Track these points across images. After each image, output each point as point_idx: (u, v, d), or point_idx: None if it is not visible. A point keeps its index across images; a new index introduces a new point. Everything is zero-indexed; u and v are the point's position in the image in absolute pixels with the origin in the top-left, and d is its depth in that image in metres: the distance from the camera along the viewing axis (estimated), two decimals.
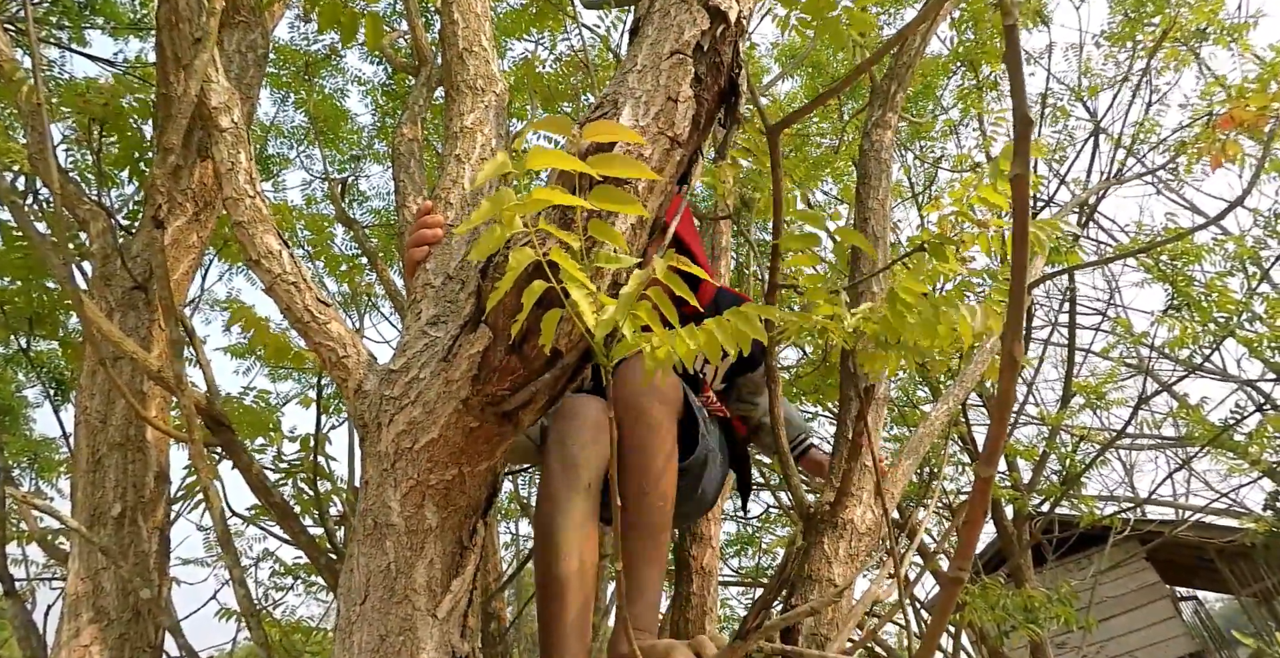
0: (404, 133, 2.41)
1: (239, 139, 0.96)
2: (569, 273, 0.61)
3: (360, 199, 5.59)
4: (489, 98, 1.09)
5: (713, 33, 0.81)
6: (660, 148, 0.75)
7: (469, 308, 0.75)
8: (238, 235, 0.91)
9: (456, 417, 0.74)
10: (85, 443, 1.55)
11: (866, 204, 1.74)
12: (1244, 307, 4.09)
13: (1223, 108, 3.51)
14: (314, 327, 0.88)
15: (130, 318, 1.73)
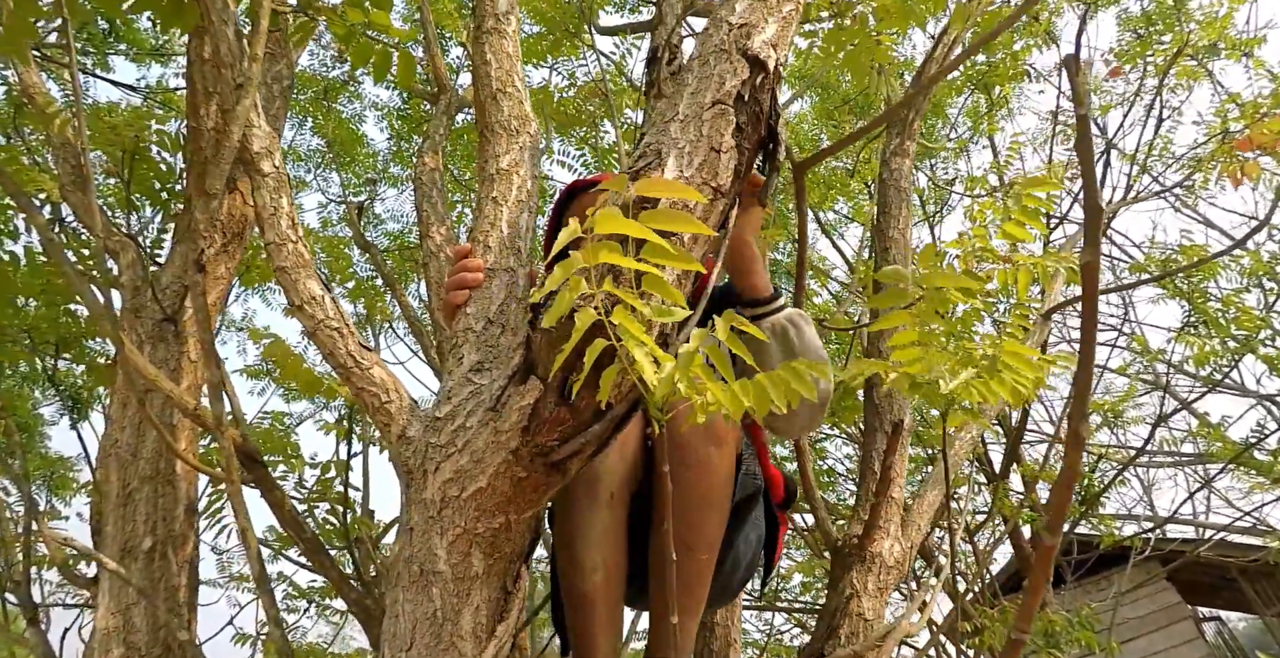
0: (425, 162, 2.44)
1: (281, 183, 0.98)
2: (630, 333, 0.62)
3: (375, 222, 5.64)
4: (523, 139, 1.11)
5: (752, 82, 0.82)
6: (704, 198, 0.76)
7: (517, 358, 0.76)
8: (280, 281, 0.93)
9: (505, 467, 0.75)
10: (116, 476, 1.56)
11: (888, 233, 1.75)
12: (1264, 323, 4.06)
13: (1237, 124, 3.51)
14: (357, 372, 0.88)
15: (160, 350, 1.75)
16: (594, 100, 3.12)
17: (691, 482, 0.92)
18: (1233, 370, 4.69)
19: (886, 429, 1.56)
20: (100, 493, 3.38)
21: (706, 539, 0.95)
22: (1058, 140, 4.53)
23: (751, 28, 0.86)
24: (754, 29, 0.86)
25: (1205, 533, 5.61)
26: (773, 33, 0.87)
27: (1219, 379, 4.52)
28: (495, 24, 1.25)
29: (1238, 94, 3.52)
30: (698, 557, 0.95)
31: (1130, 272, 4.53)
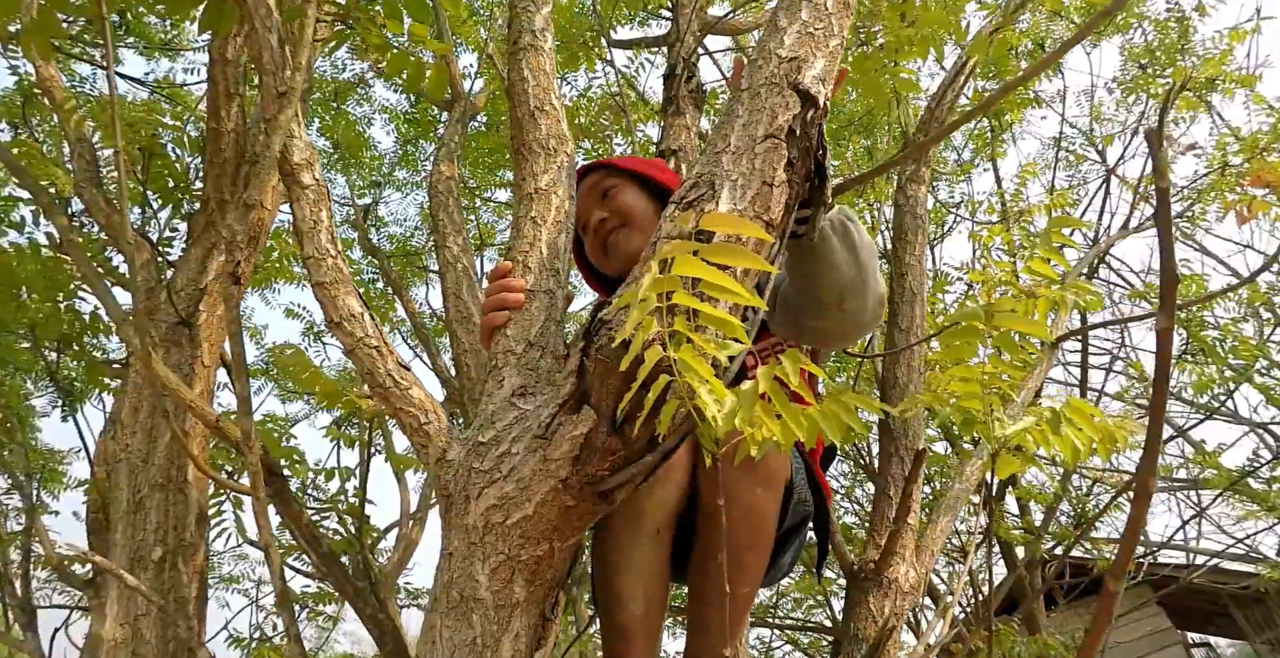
0: (441, 171, 2.44)
1: (321, 196, 0.98)
2: (694, 370, 0.62)
3: (379, 224, 5.64)
4: (561, 158, 1.11)
5: (803, 116, 0.83)
6: (767, 236, 0.76)
7: (568, 387, 0.76)
8: (318, 296, 0.92)
9: (554, 495, 0.75)
10: (126, 482, 1.55)
11: (904, 260, 1.76)
12: (1260, 353, 4.09)
13: (1237, 158, 3.56)
14: (396, 393, 0.88)
15: (174, 354, 1.74)
16: (607, 114, 3.13)
17: (737, 523, 0.92)
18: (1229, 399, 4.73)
19: (902, 455, 1.57)
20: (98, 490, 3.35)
21: (750, 576, 0.95)
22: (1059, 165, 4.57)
23: (802, 62, 0.87)
24: (804, 63, 0.87)
25: (1197, 559, 5.63)
26: (821, 68, 0.88)
27: (1215, 407, 4.55)
28: (532, 40, 1.25)
29: (1238, 128, 3.57)
30: (739, 592, 0.95)
31: (1129, 298, 4.56)
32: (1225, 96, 3.72)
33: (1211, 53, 3.37)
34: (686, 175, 0.85)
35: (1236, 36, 3.20)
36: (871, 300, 0.99)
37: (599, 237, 1.22)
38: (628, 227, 1.21)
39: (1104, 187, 4.34)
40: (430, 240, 5.45)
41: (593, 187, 1.26)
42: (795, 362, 0.66)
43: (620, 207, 1.22)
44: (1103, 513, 4.48)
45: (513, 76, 1.23)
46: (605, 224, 1.21)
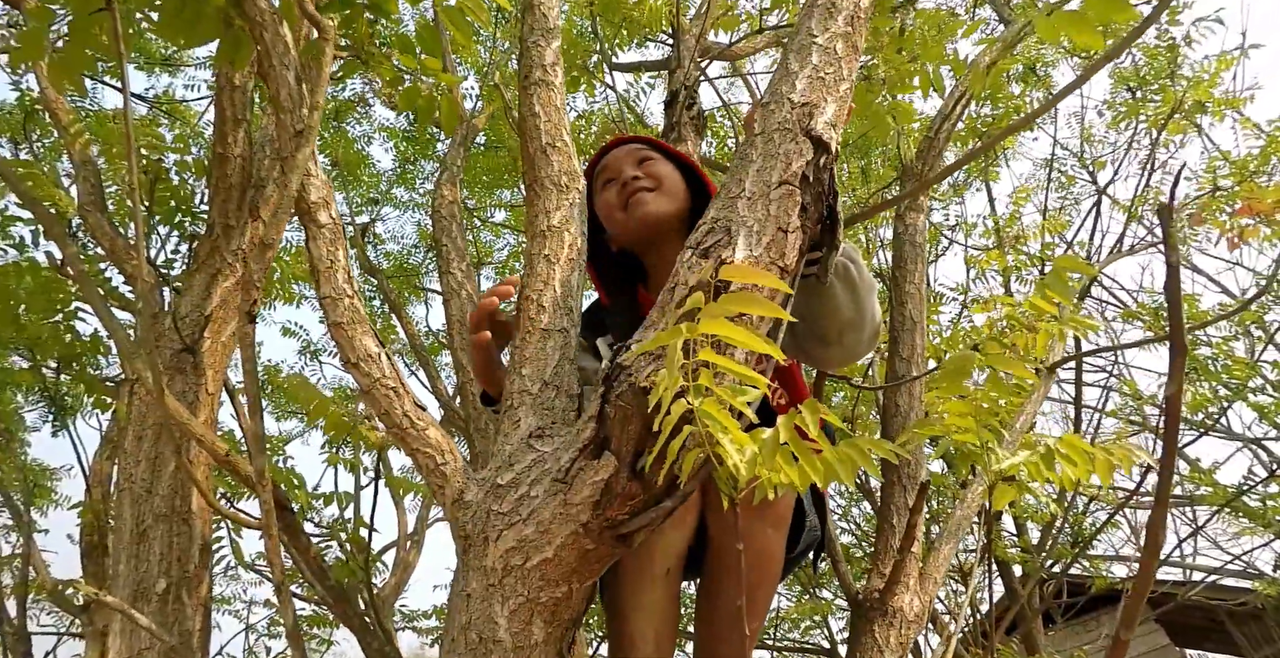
0: (444, 195, 2.45)
1: (337, 235, 0.99)
2: (716, 420, 0.63)
3: (376, 242, 5.65)
4: (573, 195, 1.12)
5: (815, 163, 0.85)
6: (784, 286, 0.78)
7: (589, 432, 0.77)
8: (334, 336, 0.93)
9: (574, 539, 0.75)
10: (129, 512, 1.54)
11: (904, 288, 1.78)
12: (1254, 372, 4.13)
13: (1228, 181, 3.62)
14: (412, 433, 0.89)
15: (178, 382, 1.74)
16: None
17: (750, 564, 0.94)
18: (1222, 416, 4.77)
19: (905, 483, 1.58)
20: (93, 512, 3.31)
21: (760, 611, 0.97)
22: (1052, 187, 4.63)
23: (814, 107, 0.89)
24: (816, 109, 0.89)
25: (1193, 575, 5.64)
26: (832, 113, 0.90)
27: (1211, 424, 4.58)
28: (543, 75, 1.27)
29: (1228, 151, 3.63)
30: (751, 626, 0.97)
31: (1122, 319, 4.61)
32: (1215, 119, 3.79)
33: (1201, 77, 3.44)
34: (701, 219, 0.86)
35: (1224, 63, 3.27)
36: (868, 334, 1.04)
37: (626, 191, 1.22)
38: (657, 191, 1.22)
39: (1096, 207, 4.39)
40: (428, 258, 5.46)
41: (631, 152, 1.28)
42: (814, 412, 0.68)
43: (656, 173, 1.24)
44: (1100, 531, 4.49)
45: (523, 112, 1.24)
46: (637, 182, 1.22)
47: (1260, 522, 4.50)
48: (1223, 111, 3.72)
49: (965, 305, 3.74)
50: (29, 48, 1.34)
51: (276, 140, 1.05)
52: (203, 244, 2.02)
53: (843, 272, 0.97)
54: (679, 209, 1.22)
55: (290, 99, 1.04)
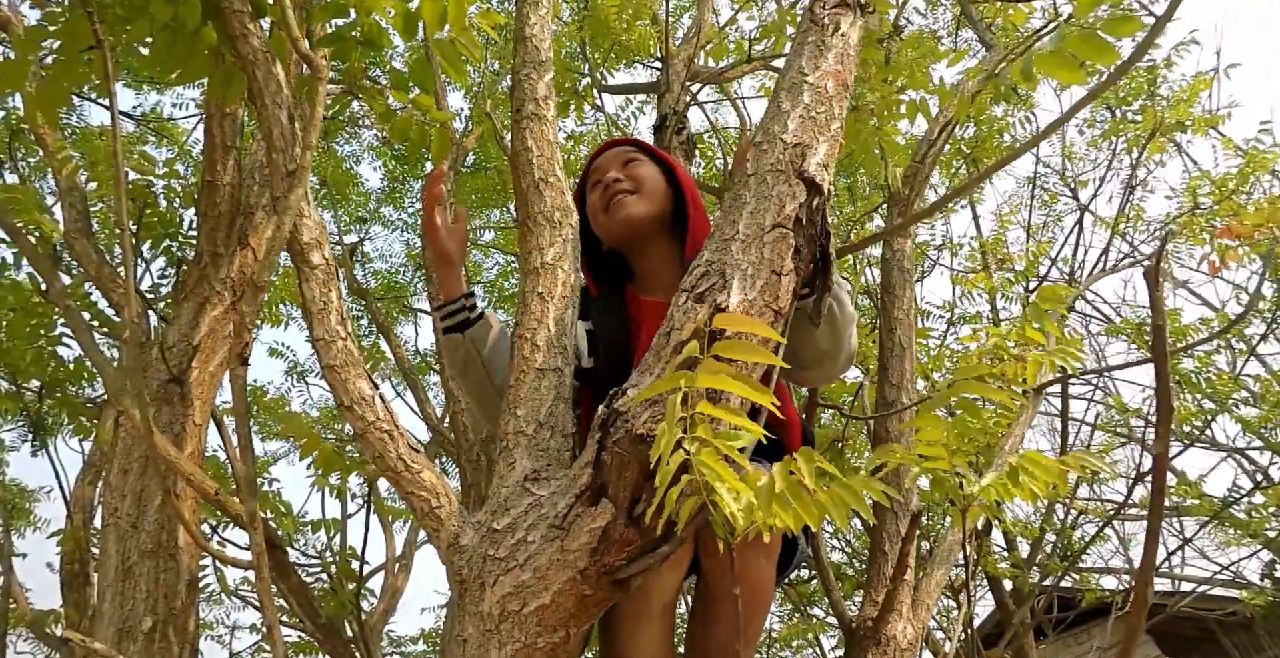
0: None
1: (330, 276, 0.98)
2: (714, 470, 0.63)
3: (364, 260, 5.63)
4: (566, 231, 1.13)
5: (808, 204, 0.86)
6: (765, 322, 0.79)
7: (585, 478, 0.76)
8: (328, 379, 0.93)
9: (571, 585, 0.75)
10: (114, 548, 1.51)
11: (892, 314, 1.79)
12: (1239, 385, 4.19)
13: (1207, 200, 3.68)
14: (407, 477, 0.88)
15: (165, 412, 1.71)
16: None
17: (746, 598, 0.94)
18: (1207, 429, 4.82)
19: (896, 510, 1.58)
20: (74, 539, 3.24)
21: (750, 638, 0.98)
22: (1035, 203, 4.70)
23: (806, 148, 0.90)
24: (808, 150, 0.90)
25: (1183, 586, 5.67)
26: (824, 154, 0.91)
27: (1196, 436, 4.63)
28: (535, 109, 1.28)
29: (1208, 171, 3.70)
30: (745, 655, 0.98)
31: (1105, 333, 4.66)
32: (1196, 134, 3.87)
33: (1180, 96, 3.51)
34: (696, 260, 0.87)
35: (1202, 84, 3.34)
36: (843, 360, 1.11)
37: (608, 193, 1.26)
38: (638, 193, 1.25)
39: (1078, 223, 4.46)
40: (417, 277, 5.45)
41: (619, 154, 1.33)
42: (809, 461, 0.68)
43: (638, 175, 1.27)
44: (1089, 545, 4.51)
45: (516, 146, 1.25)
46: (619, 183, 1.26)
47: (1247, 532, 4.54)
48: (1203, 129, 3.80)
49: (952, 323, 3.77)
50: (10, 77, 1.33)
51: (269, 180, 1.05)
52: (191, 272, 2.00)
53: (827, 310, 0.99)
54: (659, 210, 1.25)
55: (283, 138, 1.04)
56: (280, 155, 1.03)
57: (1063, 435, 4.69)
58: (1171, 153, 3.97)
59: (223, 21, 1.14)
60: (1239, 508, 4.48)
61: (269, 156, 1.04)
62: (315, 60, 1.06)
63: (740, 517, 0.67)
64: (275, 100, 1.06)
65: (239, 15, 1.13)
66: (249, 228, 2.10)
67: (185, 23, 1.15)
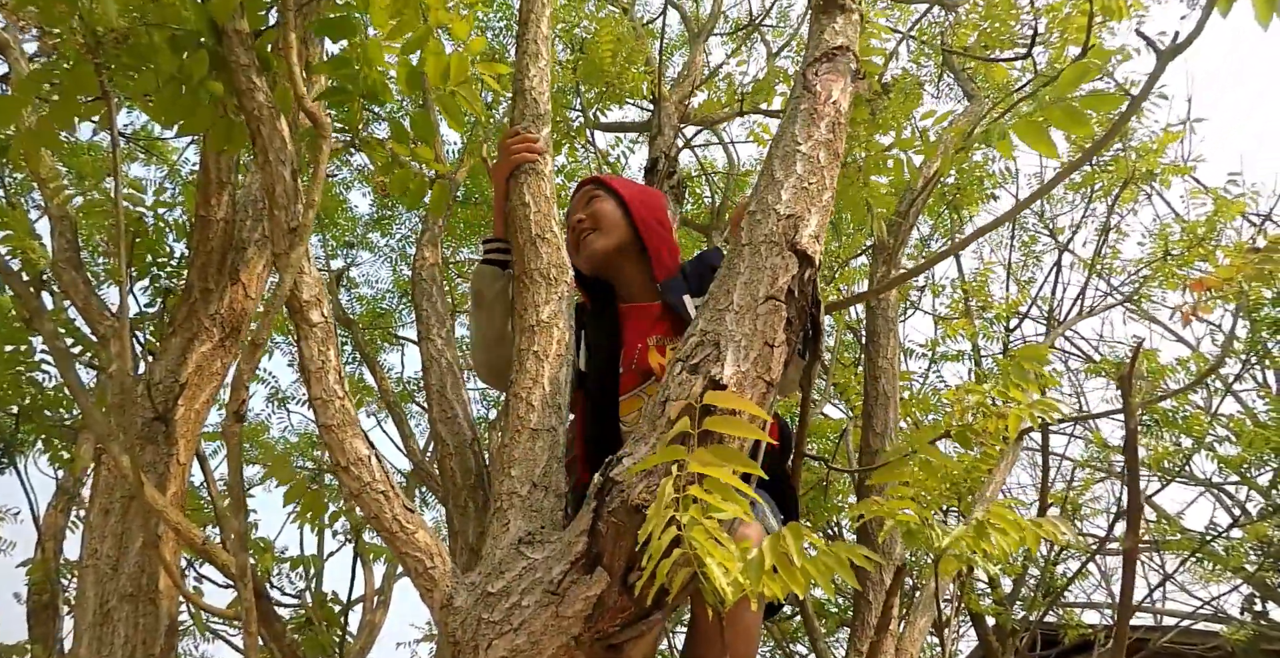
0: (425, 257, 2.46)
1: (329, 335, 1.00)
2: (705, 547, 0.65)
3: (350, 285, 5.62)
4: (561, 288, 1.15)
5: (800, 276, 0.89)
6: (758, 392, 0.81)
7: (581, 545, 0.78)
8: (324, 438, 0.93)
9: (565, 651, 0.76)
10: (93, 591, 1.49)
11: (876, 363, 1.83)
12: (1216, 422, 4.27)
13: (1178, 248, 3.79)
14: (401, 537, 0.89)
15: (149, 452, 1.70)
16: None
17: (735, 641, 0.96)
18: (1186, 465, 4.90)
19: (881, 561, 1.60)
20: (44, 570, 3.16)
21: None
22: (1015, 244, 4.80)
23: (799, 220, 0.93)
24: (801, 221, 0.93)
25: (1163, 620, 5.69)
26: (816, 225, 0.95)
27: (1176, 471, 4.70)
28: (533, 164, 1.31)
29: (1180, 216, 3.81)
30: None
31: (1085, 374, 4.74)
32: (1163, 186, 4.00)
33: (1149, 147, 3.64)
34: (690, 328, 0.89)
35: (1170, 137, 3.46)
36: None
37: (575, 234, 1.44)
38: (596, 231, 1.41)
39: (1057, 264, 4.56)
40: (402, 303, 5.44)
41: (584, 194, 1.49)
42: (798, 535, 0.70)
43: (596, 213, 1.43)
44: (1071, 582, 4.53)
45: (514, 200, 1.27)
46: (582, 224, 1.43)
47: (1226, 566, 4.59)
48: (1168, 182, 3.93)
49: (934, 361, 3.83)
50: (5, 114, 1.35)
51: (270, 236, 1.06)
52: (180, 307, 2.00)
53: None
54: (618, 241, 1.41)
55: (286, 195, 1.06)
56: (282, 212, 1.05)
57: (1044, 470, 4.74)
58: (1144, 201, 4.09)
59: (229, 75, 1.17)
60: (1218, 544, 4.54)
61: (271, 213, 1.06)
62: (321, 119, 1.08)
63: (729, 592, 0.69)
64: (279, 157, 1.08)
65: (245, 69, 1.16)
66: (240, 263, 2.10)
67: (191, 75, 1.17)
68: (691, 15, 3.98)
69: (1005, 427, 1.36)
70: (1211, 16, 1.08)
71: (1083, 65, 1.00)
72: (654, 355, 1.29)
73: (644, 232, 1.41)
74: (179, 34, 1.18)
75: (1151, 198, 4.27)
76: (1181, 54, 1.06)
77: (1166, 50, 1.05)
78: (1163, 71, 1.05)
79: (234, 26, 1.18)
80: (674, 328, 1.32)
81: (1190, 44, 1.04)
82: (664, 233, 1.45)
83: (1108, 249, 4.25)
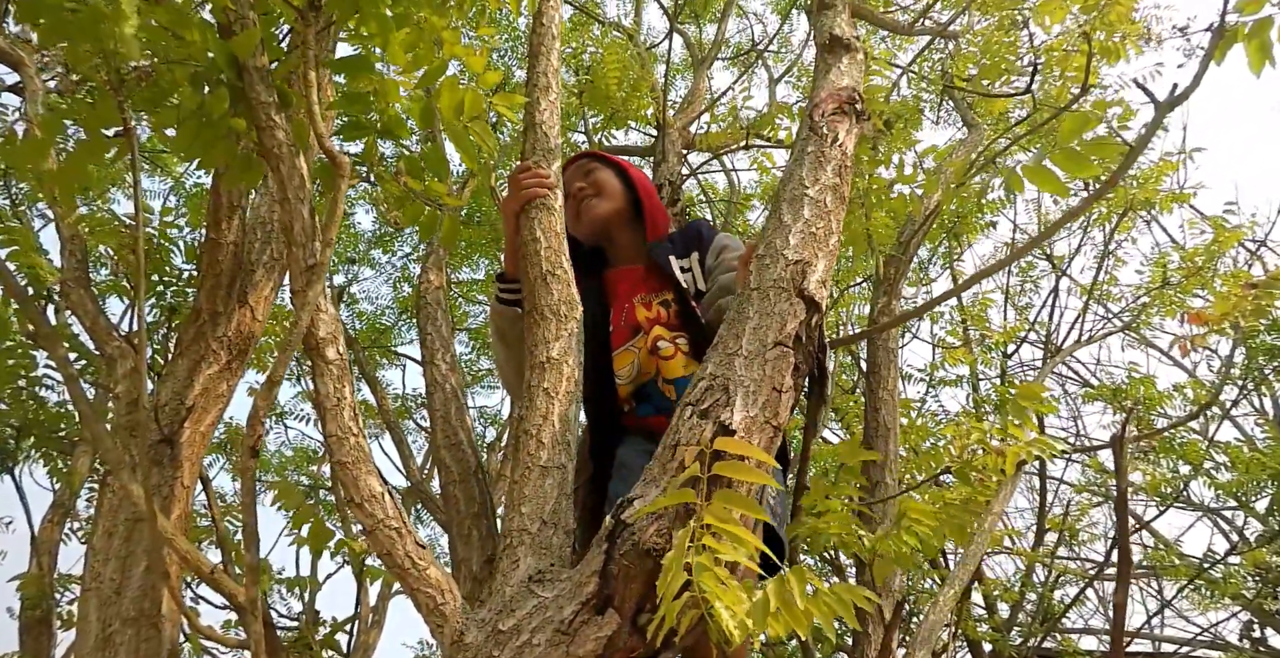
0: (430, 280, 2.48)
1: (344, 372, 1.01)
2: (714, 591, 0.66)
3: (351, 302, 5.64)
4: (571, 324, 1.17)
5: (808, 322, 0.91)
6: (766, 437, 0.83)
7: (592, 586, 0.79)
8: (339, 476, 0.95)
9: None
10: (95, 615, 1.49)
11: (877, 394, 1.84)
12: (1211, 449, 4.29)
13: (1176, 277, 3.83)
14: (413, 573, 0.90)
15: (154, 475, 1.70)
16: None
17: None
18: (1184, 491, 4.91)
19: (880, 593, 1.61)
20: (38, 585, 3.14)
21: None
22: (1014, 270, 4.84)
23: (806, 266, 0.96)
24: (808, 267, 0.96)
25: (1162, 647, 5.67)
26: (823, 270, 0.97)
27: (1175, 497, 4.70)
28: (544, 199, 1.34)
29: (1179, 245, 3.85)
30: None
31: (1083, 400, 4.76)
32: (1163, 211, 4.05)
33: (1148, 176, 3.68)
34: (700, 371, 0.91)
35: (1169, 166, 3.51)
36: None
37: (576, 201, 1.52)
38: (599, 196, 1.52)
39: (1054, 289, 4.59)
40: (401, 319, 5.46)
41: (580, 167, 1.59)
42: (801, 579, 0.72)
43: (597, 181, 1.54)
44: (1069, 608, 4.52)
45: (525, 236, 1.30)
46: (583, 191, 1.53)
47: (1224, 593, 4.58)
48: (1169, 206, 3.98)
49: (932, 385, 3.85)
50: (31, 152, 1.37)
51: (289, 272, 1.08)
52: (187, 329, 2.01)
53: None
54: (620, 206, 1.53)
55: (304, 233, 1.08)
56: (300, 250, 1.07)
57: (1040, 495, 4.74)
58: (1142, 229, 4.14)
59: (250, 111, 1.19)
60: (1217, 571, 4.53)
61: (289, 251, 1.08)
62: (339, 157, 1.11)
63: (736, 635, 0.71)
64: (297, 195, 1.10)
65: (265, 106, 1.19)
66: (248, 285, 2.12)
67: (212, 111, 1.20)
68: (694, 41, 4.04)
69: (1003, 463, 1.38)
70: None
71: (1083, 116, 1.03)
72: (640, 310, 1.42)
73: (643, 196, 1.52)
74: (200, 70, 1.21)
75: (1150, 225, 4.33)
76: (1180, 105, 1.09)
77: (1165, 102, 1.08)
78: (1161, 122, 1.08)
79: (254, 63, 1.20)
80: (659, 285, 1.44)
81: (1188, 96, 1.07)
82: (657, 201, 1.58)
83: (1106, 275, 4.30)
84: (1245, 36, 1.16)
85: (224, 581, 1.15)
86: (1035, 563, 4.56)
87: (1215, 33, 1.11)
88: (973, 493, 1.43)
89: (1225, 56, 1.20)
